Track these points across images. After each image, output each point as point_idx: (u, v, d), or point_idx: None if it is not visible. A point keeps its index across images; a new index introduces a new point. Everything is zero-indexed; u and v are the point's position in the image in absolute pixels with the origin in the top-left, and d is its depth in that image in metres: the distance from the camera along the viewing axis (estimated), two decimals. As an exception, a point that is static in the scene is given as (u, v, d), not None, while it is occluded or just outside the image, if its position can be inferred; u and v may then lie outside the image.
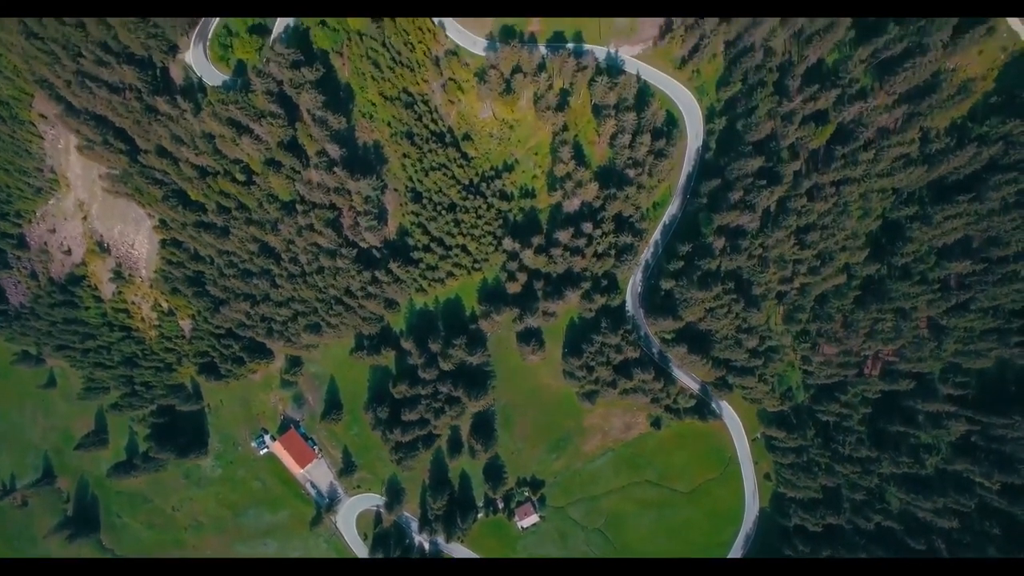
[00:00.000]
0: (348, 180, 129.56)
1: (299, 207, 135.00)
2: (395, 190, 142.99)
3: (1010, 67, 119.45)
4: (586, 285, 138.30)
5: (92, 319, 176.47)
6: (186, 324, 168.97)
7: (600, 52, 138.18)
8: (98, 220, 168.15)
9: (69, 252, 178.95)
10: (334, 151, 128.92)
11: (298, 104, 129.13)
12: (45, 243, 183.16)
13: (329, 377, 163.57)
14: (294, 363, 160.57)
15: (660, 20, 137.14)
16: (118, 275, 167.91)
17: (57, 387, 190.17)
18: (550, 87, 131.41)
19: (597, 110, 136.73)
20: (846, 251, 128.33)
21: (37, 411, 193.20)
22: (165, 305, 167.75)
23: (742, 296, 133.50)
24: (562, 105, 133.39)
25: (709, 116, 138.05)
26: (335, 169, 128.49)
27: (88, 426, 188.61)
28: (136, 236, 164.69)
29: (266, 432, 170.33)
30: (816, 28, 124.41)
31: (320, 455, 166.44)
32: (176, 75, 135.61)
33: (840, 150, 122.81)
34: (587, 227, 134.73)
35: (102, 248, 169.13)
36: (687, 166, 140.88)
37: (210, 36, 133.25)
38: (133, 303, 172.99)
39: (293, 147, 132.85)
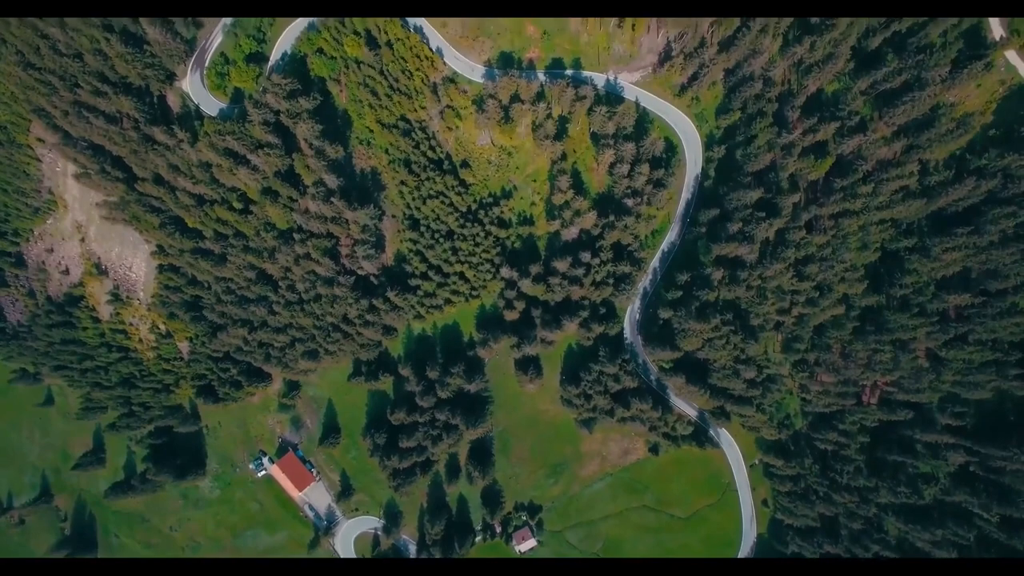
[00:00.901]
0: (345, 210, 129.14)
1: (296, 236, 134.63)
2: (393, 217, 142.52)
3: (1008, 100, 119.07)
4: (584, 314, 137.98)
5: (90, 339, 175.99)
6: (184, 346, 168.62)
7: (599, 79, 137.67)
8: (96, 242, 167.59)
9: (67, 272, 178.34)
10: (331, 181, 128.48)
11: (295, 134, 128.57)
12: (43, 262, 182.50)
13: (327, 400, 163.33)
14: (292, 387, 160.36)
15: (659, 47, 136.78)
16: (116, 297, 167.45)
17: (55, 405, 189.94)
18: (548, 116, 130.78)
19: (596, 137, 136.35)
20: (845, 282, 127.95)
21: (35, 429, 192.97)
22: (163, 327, 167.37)
23: (740, 327, 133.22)
24: (560, 134, 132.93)
25: (708, 144, 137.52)
26: (332, 199, 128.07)
27: (86, 445, 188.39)
28: (134, 259, 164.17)
29: (264, 454, 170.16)
30: (815, 59, 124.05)
31: (318, 478, 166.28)
32: (173, 103, 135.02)
33: (839, 182, 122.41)
34: (585, 256, 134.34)
35: (100, 270, 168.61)
36: (686, 193, 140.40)
37: (207, 64, 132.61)
38: (131, 324, 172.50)
39: (290, 176, 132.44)
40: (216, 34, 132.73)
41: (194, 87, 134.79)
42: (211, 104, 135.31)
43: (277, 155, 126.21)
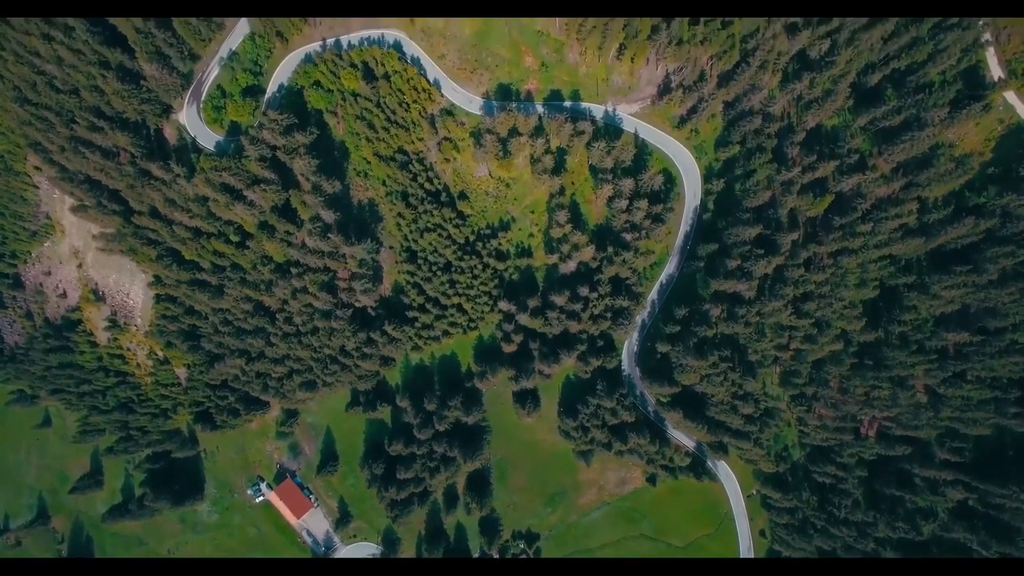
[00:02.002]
0: (343, 245, 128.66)
1: (293, 270, 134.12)
2: (390, 248, 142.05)
3: (1007, 139, 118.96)
4: (582, 347, 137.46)
5: (87, 363, 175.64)
6: (182, 372, 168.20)
7: (598, 110, 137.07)
8: (93, 268, 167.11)
9: (64, 295, 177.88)
10: (328, 216, 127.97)
11: (292, 168, 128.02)
12: (40, 284, 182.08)
13: (325, 428, 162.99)
14: (290, 415, 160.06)
15: (658, 79, 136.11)
16: (113, 323, 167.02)
17: (52, 427, 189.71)
18: (547, 151, 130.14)
19: (594, 170, 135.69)
20: (843, 319, 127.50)
21: (32, 450, 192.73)
22: (160, 353, 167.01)
23: (738, 363, 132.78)
24: (559, 169, 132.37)
25: (707, 176, 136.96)
26: (329, 235, 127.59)
27: (83, 467, 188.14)
28: (131, 286, 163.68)
29: (262, 480, 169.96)
30: (815, 95, 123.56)
31: (316, 504, 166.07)
32: (170, 135, 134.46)
33: (838, 220, 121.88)
34: (583, 290, 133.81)
35: (97, 296, 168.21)
36: (685, 225, 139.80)
37: (203, 98, 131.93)
38: (128, 350, 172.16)
39: (287, 211, 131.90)
40: (212, 67, 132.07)
41: (191, 119, 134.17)
42: (208, 136, 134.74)
43: (274, 191, 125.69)
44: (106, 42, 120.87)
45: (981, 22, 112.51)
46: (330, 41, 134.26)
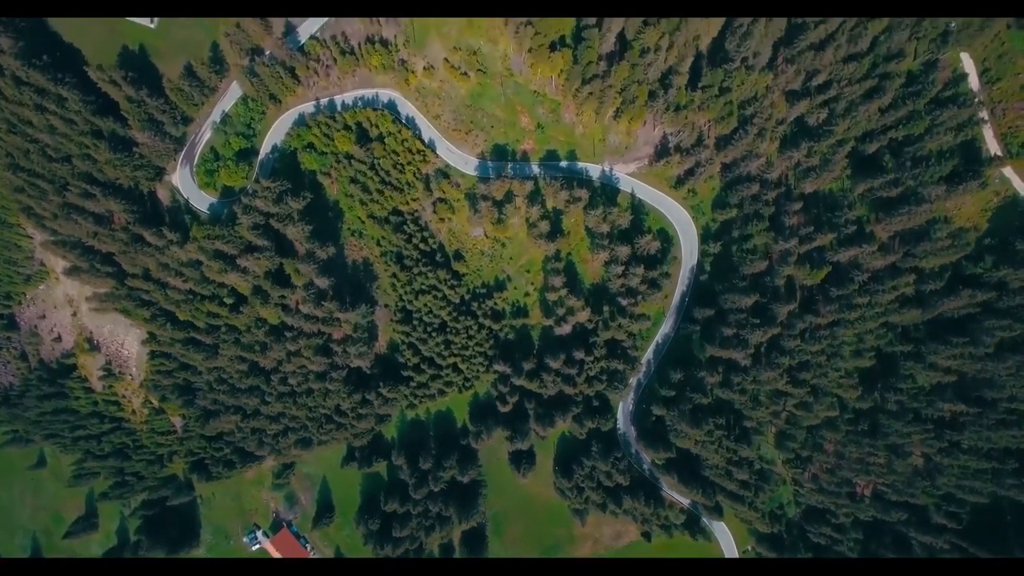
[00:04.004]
0: (337, 311, 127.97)
1: (288, 333, 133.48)
2: (385, 306, 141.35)
3: (1002, 211, 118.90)
4: (577, 409, 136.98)
5: (82, 407, 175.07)
6: (177, 420, 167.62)
7: (594, 170, 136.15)
8: (87, 317, 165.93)
9: (59, 339, 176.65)
10: (322, 282, 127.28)
11: (286, 235, 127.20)
12: (35, 326, 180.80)
13: (322, 478, 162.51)
14: (286, 466, 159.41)
15: (656, 139, 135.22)
16: (108, 372, 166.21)
17: (47, 467, 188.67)
18: (543, 217, 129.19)
19: (591, 232, 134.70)
20: (840, 387, 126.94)
21: (26, 491, 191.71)
22: (155, 403, 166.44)
23: (733, 428, 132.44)
24: (554, 234, 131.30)
25: (705, 236, 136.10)
26: (323, 302, 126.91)
27: (79, 508, 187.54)
28: (125, 336, 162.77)
29: (258, 528, 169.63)
30: (813, 164, 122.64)
31: (313, 554, 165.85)
32: (163, 196, 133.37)
33: (835, 291, 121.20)
34: (579, 354, 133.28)
35: (92, 345, 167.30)
36: (681, 285, 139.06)
37: (196, 161, 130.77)
38: (124, 396, 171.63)
39: (281, 275, 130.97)
40: (205, 129, 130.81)
41: (184, 181, 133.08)
42: (201, 198, 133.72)
43: (267, 257, 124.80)
44: (98, 111, 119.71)
45: (977, 99, 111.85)
46: (324, 101, 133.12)
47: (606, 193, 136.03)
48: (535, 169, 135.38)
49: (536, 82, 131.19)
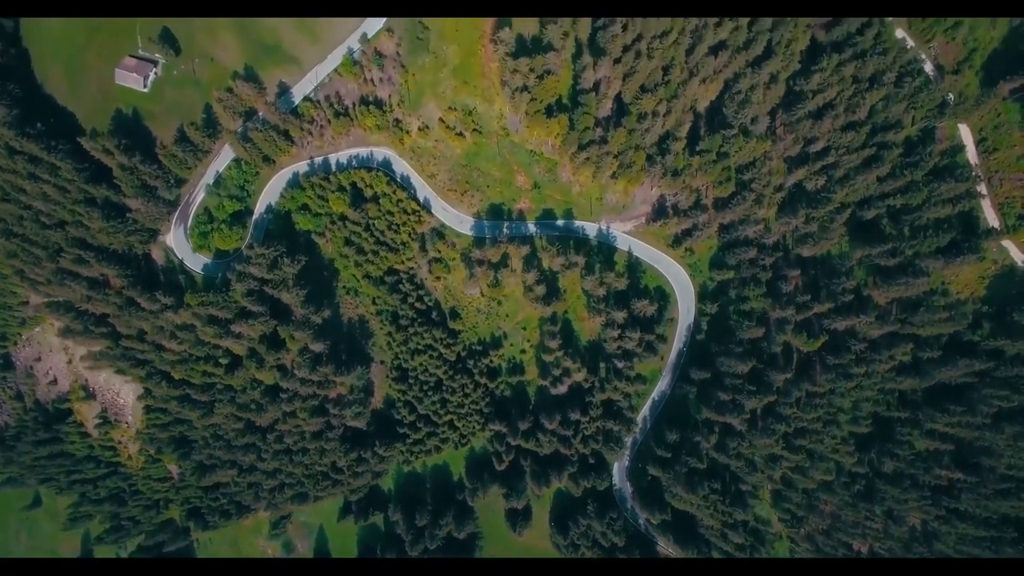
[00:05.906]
0: (332, 375, 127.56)
1: (283, 395, 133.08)
2: (381, 362, 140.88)
3: (1000, 279, 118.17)
4: (572, 469, 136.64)
5: (78, 451, 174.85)
6: (174, 468, 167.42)
7: (591, 228, 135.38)
8: (83, 363, 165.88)
9: (55, 382, 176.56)
10: (318, 347, 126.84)
11: (280, 299, 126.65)
12: (31, 367, 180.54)
13: (318, 527, 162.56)
14: (283, 517, 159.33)
15: (653, 198, 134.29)
16: (104, 420, 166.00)
17: (43, 507, 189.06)
18: (538, 281, 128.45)
19: (588, 293, 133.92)
20: (836, 453, 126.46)
21: (22, 531, 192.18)
22: (152, 451, 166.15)
23: (730, 488, 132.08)
24: (550, 297, 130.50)
25: (702, 295, 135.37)
26: (319, 367, 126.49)
27: (74, 548, 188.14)
28: (121, 386, 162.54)
29: None
30: (811, 230, 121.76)
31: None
32: (158, 257, 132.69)
33: (832, 360, 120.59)
34: (575, 415, 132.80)
35: (87, 392, 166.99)
36: (678, 343, 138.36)
37: (190, 223, 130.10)
38: (120, 443, 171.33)
39: (276, 339, 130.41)
40: (199, 191, 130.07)
41: (178, 241, 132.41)
42: (195, 259, 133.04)
43: (262, 322, 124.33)
44: (91, 179, 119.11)
45: (974, 172, 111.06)
46: (318, 160, 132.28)
47: (603, 252, 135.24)
48: (531, 228, 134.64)
49: (532, 142, 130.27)
